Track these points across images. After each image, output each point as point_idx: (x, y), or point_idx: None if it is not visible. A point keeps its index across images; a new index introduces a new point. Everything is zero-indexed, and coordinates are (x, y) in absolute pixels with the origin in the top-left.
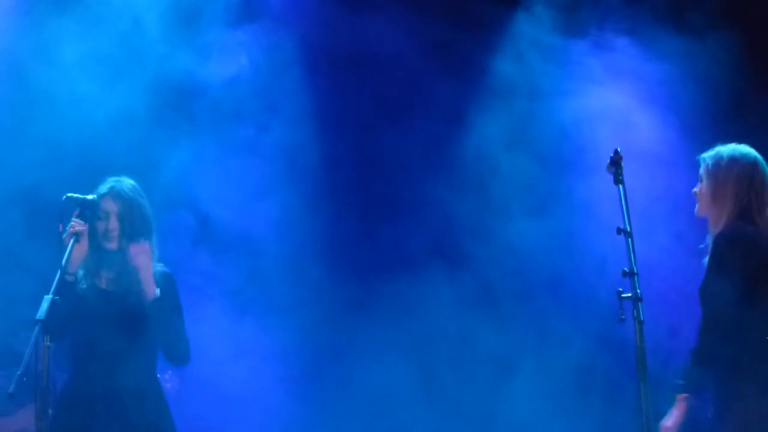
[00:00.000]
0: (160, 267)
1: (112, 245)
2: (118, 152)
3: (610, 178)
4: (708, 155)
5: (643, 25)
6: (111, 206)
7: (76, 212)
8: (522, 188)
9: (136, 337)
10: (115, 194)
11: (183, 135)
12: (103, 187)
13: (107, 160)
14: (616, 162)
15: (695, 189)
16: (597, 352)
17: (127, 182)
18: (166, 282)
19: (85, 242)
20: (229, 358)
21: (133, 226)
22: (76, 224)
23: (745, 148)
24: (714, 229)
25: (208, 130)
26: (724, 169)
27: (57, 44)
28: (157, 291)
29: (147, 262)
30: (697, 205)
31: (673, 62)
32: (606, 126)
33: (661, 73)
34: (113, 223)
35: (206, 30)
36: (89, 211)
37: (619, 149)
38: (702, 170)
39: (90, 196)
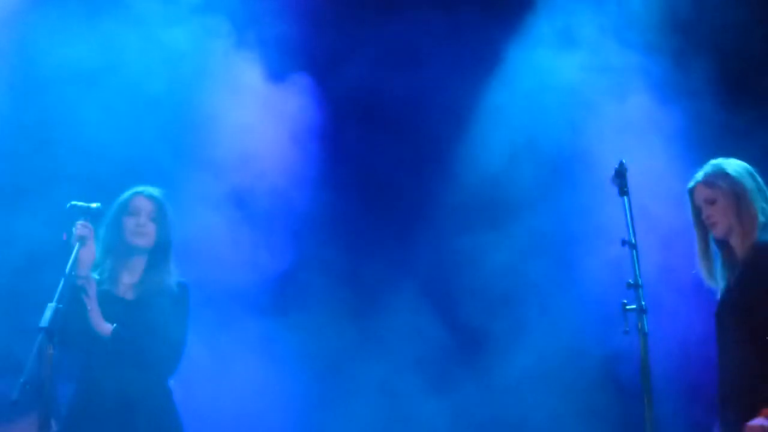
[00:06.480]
0: (176, 277)
1: (142, 241)
2: None
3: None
4: (709, 175)
5: None
6: (144, 204)
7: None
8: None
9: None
10: (148, 195)
11: None
12: (133, 189)
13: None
14: (621, 173)
15: (706, 213)
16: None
17: (156, 189)
18: (180, 291)
19: (92, 245)
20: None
21: (166, 228)
22: (82, 227)
23: (736, 161)
24: (741, 247)
25: None
26: (740, 186)
27: None
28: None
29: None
30: (716, 228)
31: None
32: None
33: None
34: (144, 219)
35: None
36: (93, 219)
37: (624, 161)
38: (716, 193)
39: (94, 204)
